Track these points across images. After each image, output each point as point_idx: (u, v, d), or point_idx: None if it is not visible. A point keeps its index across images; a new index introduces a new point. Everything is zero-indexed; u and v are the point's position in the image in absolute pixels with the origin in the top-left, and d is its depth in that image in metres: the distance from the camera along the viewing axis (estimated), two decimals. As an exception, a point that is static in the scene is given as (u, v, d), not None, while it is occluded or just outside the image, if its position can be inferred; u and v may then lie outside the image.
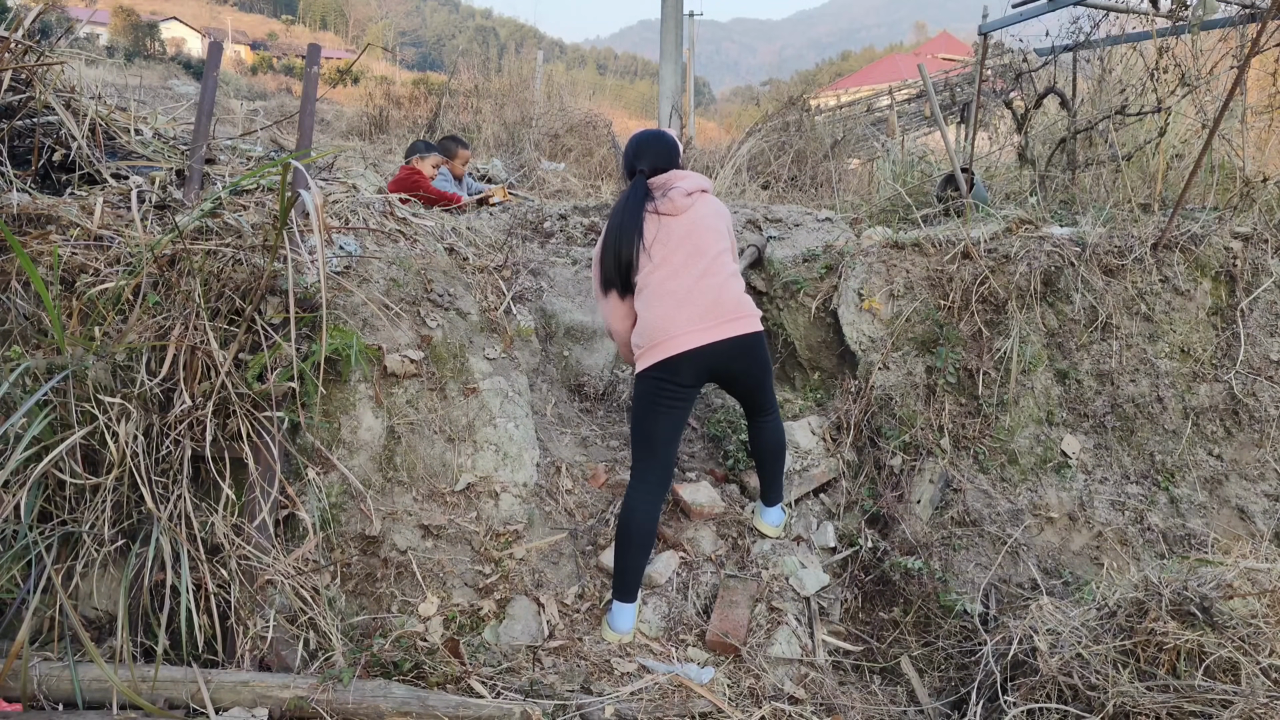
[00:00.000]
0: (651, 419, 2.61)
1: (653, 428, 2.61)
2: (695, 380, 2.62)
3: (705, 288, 2.56)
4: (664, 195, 2.65)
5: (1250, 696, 1.95)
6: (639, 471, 2.63)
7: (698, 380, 2.63)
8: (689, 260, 2.58)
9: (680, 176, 2.69)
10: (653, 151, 2.73)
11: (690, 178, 2.70)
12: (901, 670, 2.72)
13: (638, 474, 2.63)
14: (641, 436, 2.63)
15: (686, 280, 2.56)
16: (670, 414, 2.61)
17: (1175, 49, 4.53)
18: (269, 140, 5.17)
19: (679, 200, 2.63)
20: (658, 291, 2.57)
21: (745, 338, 2.60)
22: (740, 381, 2.77)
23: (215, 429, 2.36)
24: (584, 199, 6.07)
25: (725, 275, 2.61)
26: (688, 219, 2.63)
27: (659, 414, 2.60)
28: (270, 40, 65.53)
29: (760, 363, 2.71)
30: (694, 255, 2.59)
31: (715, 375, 2.70)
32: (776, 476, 2.98)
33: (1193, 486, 3.20)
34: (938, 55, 23.69)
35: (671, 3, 9.74)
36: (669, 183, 2.67)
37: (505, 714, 2.14)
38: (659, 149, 2.74)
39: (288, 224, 2.43)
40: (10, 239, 2.05)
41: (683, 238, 2.60)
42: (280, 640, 2.26)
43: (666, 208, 2.63)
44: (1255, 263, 3.55)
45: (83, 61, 3.89)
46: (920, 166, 5.75)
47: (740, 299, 2.63)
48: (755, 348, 2.66)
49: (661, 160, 2.72)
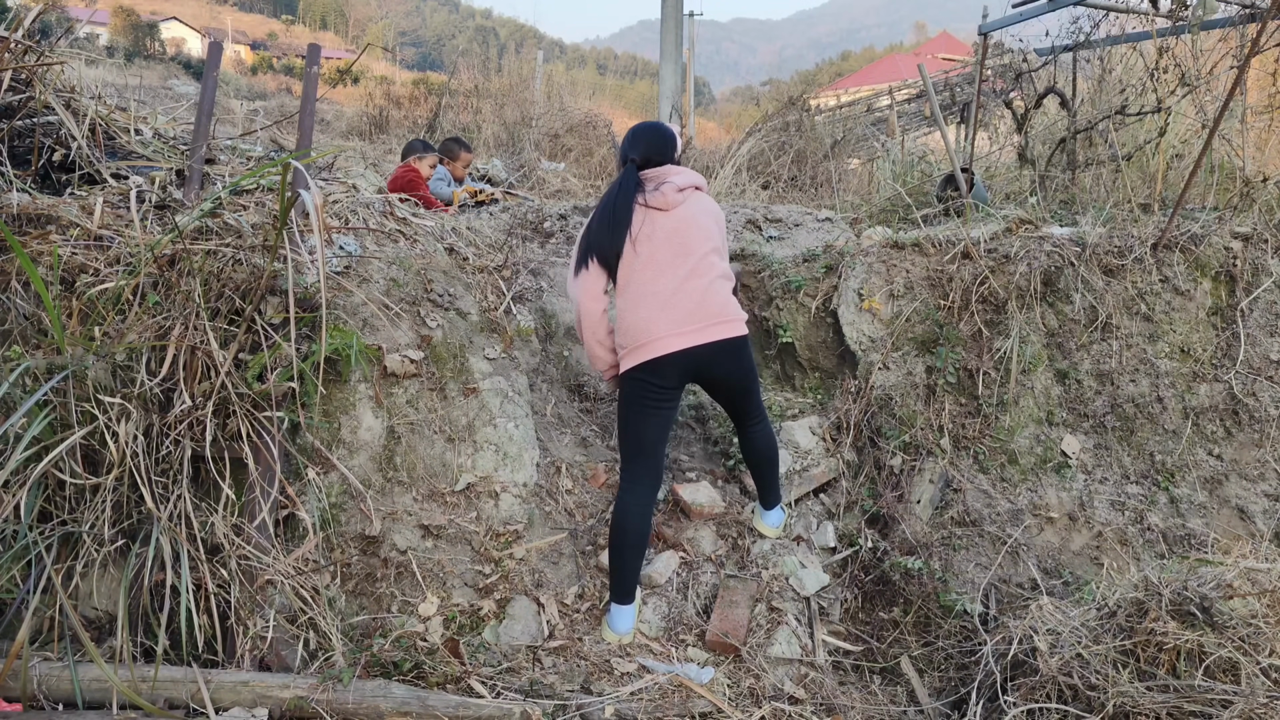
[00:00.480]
0: (639, 420, 2.59)
1: (641, 428, 2.60)
2: (679, 382, 2.60)
3: (690, 289, 2.53)
4: (655, 189, 2.61)
5: (1250, 696, 1.95)
6: (630, 472, 2.62)
7: (681, 382, 2.62)
8: (675, 259, 2.55)
9: (674, 172, 2.66)
10: (645, 142, 2.70)
11: (684, 174, 2.67)
12: (901, 670, 2.72)
13: (629, 475, 2.62)
14: (630, 437, 2.62)
15: (672, 281, 2.53)
16: (657, 414, 2.59)
17: (1175, 49, 4.53)
18: (269, 140, 5.17)
19: (670, 195, 2.59)
20: (641, 291, 2.54)
21: (729, 341, 2.56)
22: (724, 386, 2.73)
23: (215, 429, 2.36)
24: (584, 199, 6.07)
25: (712, 277, 2.57)
26: (676, 215, 2.59)
27: (646, 415, 2.59)
28: (270, 40, 65.55)
29: (745, 367, 2.67)
30: (680, 254, 2.55)
31: (698, 378, 2.68)
32: (773, 481, 2.97)
33: (1193, 486, 3.20)
34: (938, 55, 23.69)
35: (671, 3, 9.74)
36: (662, 177, 2.64)
37: (505, 714, 2.14)
38: (652, 139, 2.71)
39: (288, 224, 2.43)
40: (10, 239, 2.05)
41: (670, 234, 2.56)
42: (280, 640, 2.26)
43: (656, 201, 2.59)
44: (1255, 263, 3.55)
45: (83, 61, 3.90)
46: (920, 166, 5.76)
47: (726, 302, 2.59)
48: (739, 352, 2.62)
49: (654, 151, 2.69)
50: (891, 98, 13.53)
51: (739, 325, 2.60)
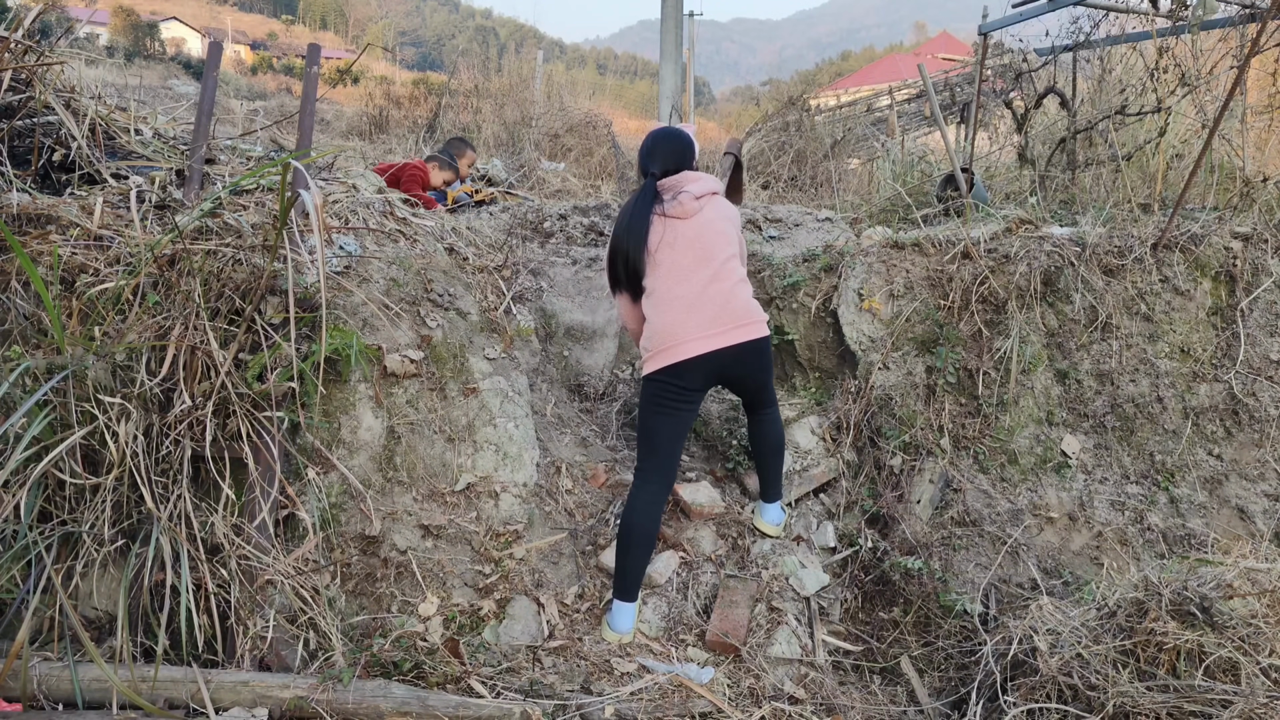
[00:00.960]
0: (657, 421, 2.63)
1: (658, 429, 2.63)
2: (702, 384, 2.65)
3: (714, 293, 2.58)
4: (674, 198, 2.65)
5: (1250, 696, 1.95)
6: (643, 471, 2.65)
7: (705, 384, 2.66)
8: (697, 264, 2.59)
9: (692, 179, 2.69)
10: (664, 152, 2.73)
11: (702, 180, 2.70)
12: (901, 670, 2.72)
13: (642, 474, 2.65)
14: (647, 437, 2.65)
15: (695, 285, 2.57)
16: (676, 416, 2.63)
17: (1175, 49, 4.53)
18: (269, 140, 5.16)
19: (688, 204, 2.63)
20: (666, 296, 2.59)
21: (753, 343, 2.63)
22: (745, 383, 2.80)
23: (215, 429, 2.36)
24: (584, 199, 6.06)
25: (734, 280, 2.62)
26: (697, 222, 2.63)
27: (664, 416, 2.62)
28: (270, 40, 65.56)
29: (765, 365, 2.74)
30: (702, 259, 2.60)
31: (722, 379, 2.74)
32: (776, 473, 2.99)
33: (1193, 486, 3.20)
34: (938, 55, 23.68)
35: (671, 3, 9.74)
36: (679, 185, 2.67)
37: (505, 714, 2.14)
38: (671, 149, 2.74)
39: (288, 224, 2.43)
40: (10, 239, 2.05)
41: (691, 241, 2.61)
42: (280, 640, 2.26)
43: (675, 211, 2.63)
44: (1255, 263, 3.55)
45: (83, 61, 3.89)
46: (920, 166, 5.76)
47: (748, 304, 2.65)
48: (762, 352, 2.69)
49: (673, 161, 2.72)
50: (891, 98, 13.54)
51: (761, 327, 2.66)
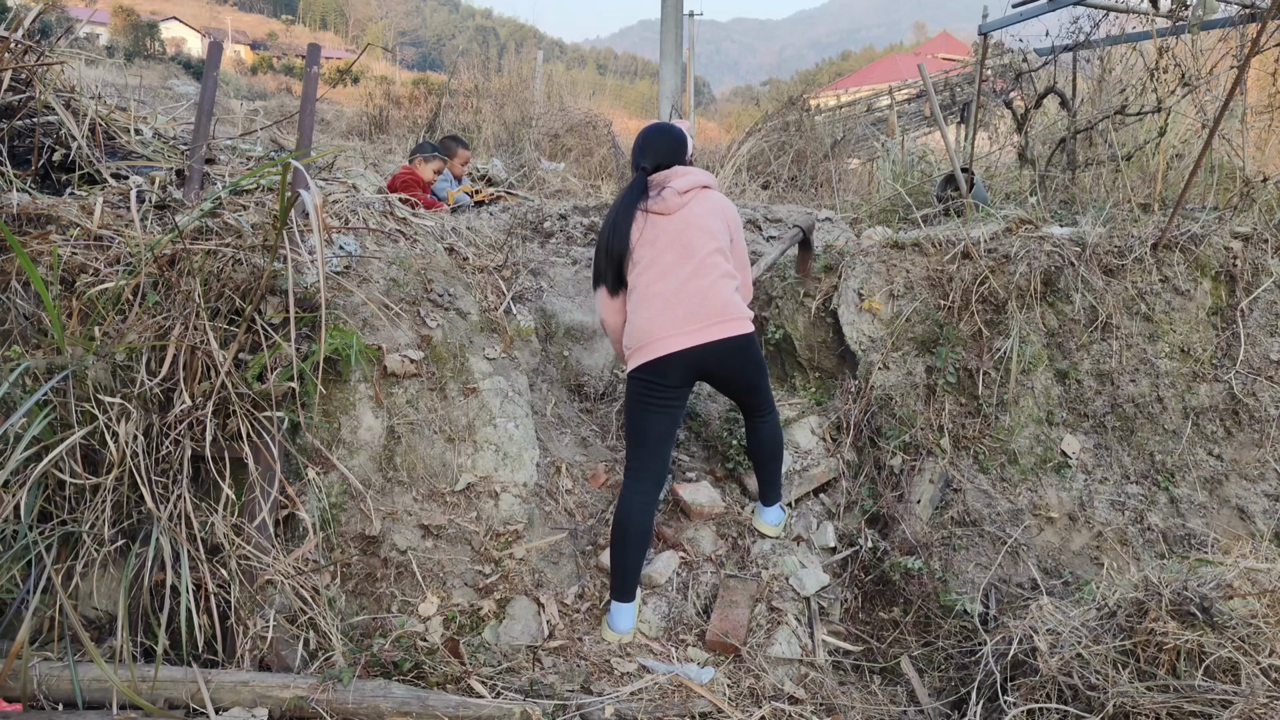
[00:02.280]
0: (644, 419, 2.62)
1: (646, 427, 2.62)
2: (684, 381, 2.62)
3: (693, 289, 2.55)
4: (658, 194, 2.63)
5: (1250, 696, 1.95)
6: (634, 470, 2.64)
7: (687, 381, 2.63)
8: (678, 261, 2.57)
9: (678, 174, 2.67)
10: (655, 147, 2.72)
11: (688, 175, 2.68)
12: (901, 670, 2.72)
13: (633, 473, 2.64)
14: (635, 435, 2.64)
15: (674, 282, 2.55)
16: (662, 413, 2.61)
17: (1175, 49, 4.53)
18: (269, 140, 5.16)
19: (671, 199, 2.61)
20: (646, 293, 2.57)
21: (733, 340, 2.58)
22: (731, 383, 2.77)
23: (215, 429, 2.36)
24: (584, 199, 6.06)
25: (715, 276, 2.58)
26: (680, 218, 2.61)
27: (650, 414, 2.61)
28: (270, 40, 65.56)
29: (752, 364, 2.69)
30: (683, 256, 2.57)
31: (705, 376, 2.70)
32: (775, 476, 2.98)
33: (1193, 486, 3.20)
34: (938, 55, 23.69)
35: (671, 3, 9.74)
36: (665, 180, 2.66)
37: (505, 714, 2.14)
38: (662, 144, 2.73)
39: (288, 224, 2.43)
40: (10, 239, 2.05)
41: (673, 237, 2.59)
42: (280, 640, 2.26)
43: (658, 206, 2.62)
44: (1255, 263, 3.55)
45: (83, 61, 3.89)
46: (920, 166, 5.76)
47: (729, 300, 2.59)
48: (744, 349, 2.63)
49: (664, 156, 2.71)
50: (891, 98, 13.53)
51: (742, 324, 2.61)
